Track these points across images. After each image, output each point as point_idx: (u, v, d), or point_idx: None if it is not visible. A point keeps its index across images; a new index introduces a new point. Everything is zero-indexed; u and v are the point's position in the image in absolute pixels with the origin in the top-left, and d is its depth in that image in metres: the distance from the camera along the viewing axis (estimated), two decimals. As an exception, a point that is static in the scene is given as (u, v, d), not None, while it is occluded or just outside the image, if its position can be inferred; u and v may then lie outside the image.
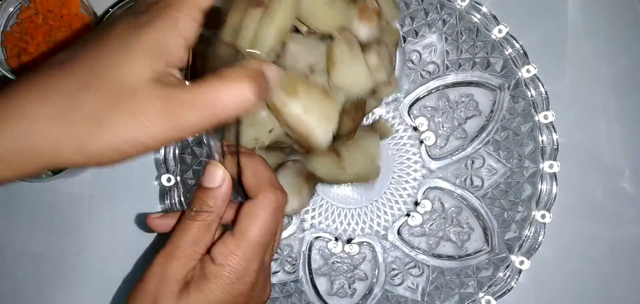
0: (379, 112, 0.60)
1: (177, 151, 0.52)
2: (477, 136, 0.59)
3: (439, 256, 0.58)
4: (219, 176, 0.38)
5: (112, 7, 0.65)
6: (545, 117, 0.52)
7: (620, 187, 0.66)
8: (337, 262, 0.61)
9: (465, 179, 0.60)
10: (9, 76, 0.64)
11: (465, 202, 0.59)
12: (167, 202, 0.52)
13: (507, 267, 0.52)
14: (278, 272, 0.59)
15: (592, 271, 0.65)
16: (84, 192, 0.66)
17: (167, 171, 0.52)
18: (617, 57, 0.69)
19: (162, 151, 0.52)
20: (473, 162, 0.60)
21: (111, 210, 0.64)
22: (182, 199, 0.52)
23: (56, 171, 0.64)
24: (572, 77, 0.68)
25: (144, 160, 0.66)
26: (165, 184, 0.52)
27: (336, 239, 0.59)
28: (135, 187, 0.63)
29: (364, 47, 0.44)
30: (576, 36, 0.70)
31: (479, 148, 0.59)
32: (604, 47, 0.69)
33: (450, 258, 0.58)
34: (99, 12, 0.66)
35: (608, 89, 0.69)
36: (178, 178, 0.52)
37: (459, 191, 0.59)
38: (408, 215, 0.59)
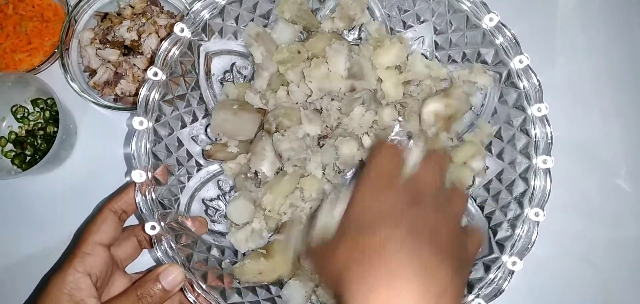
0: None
1: (149, 146, 0.49)
2: (467, 131, 0.56)
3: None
4: (176, 283, 0.46)
5: (85, -5, 0.62)
6: (539, 109, 0.49)
7: (616, 185, 0.64)
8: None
9: (455, 177, 0.57)
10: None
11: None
12: (139, 199, 0.48)
13: (499, 268, 0.49)
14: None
15: (588, 272, 0.62)
16: (55, 191, 0.63)
17: (139, 166, 0.49)
18: (612, 47, 0.67)
19: (133, 146, 0.49)
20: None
21: (82, 208, 0.61)
22: (153, 196, 0.48)
23: (25, 167, 0.61)
24: (564, 67, 0.66)
25: (114, 155, 0.63)
26: (137, 180, 0.48)
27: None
28: (106, 184, 0.60)
29: None
30: (568, 25, 0.67)
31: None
32: (598, 36, 0.67)
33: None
34: (72, 2, 0.63)
35: (602, 81, 0.66)
36: (149, 174, 0.49)
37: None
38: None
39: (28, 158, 0.63)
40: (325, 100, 0.55)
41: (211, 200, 0.57)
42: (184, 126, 0.54)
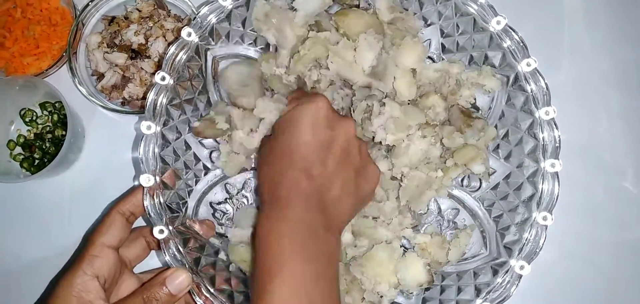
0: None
1: (157, 150, 0.49)
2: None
3: (435, 260, 0.56)
4: (183, 287, 0.47)
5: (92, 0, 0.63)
6: (547, 113, 0.49)
7: (622, 188, 0.64)
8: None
9: (462, 180, 0.57)
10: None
11: (462, 204, 0.56)
12: (147, 203, 0.49)
13: (507, 272, 0.49)
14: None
15: (594, 276, 0.62)
16: (64, 194, 0.63)
17: (147, 171, 0.49)
18: (618, 49, 0.66)
19: (141, 150, 0.49)
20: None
21: (91, 211, 0.61)
22: (161, 200, 0.49)
23: (34, 171, 0.62)
24: (570, 70, 0.66)
25: (122, 158, 0.63)
26: (145, 184, 0.49)
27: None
28: (114, 187, 0.60)
29: None
30: (574, 27, 0.67)
31: (477, 147, 0.56)
32: (604, 38, 0.67)
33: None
34: (80, 6, 0.64)
35: (609, 84, 0.66)
36: (158, 178, 0.49)
37: (456, 192, 0.56)
38: (402, 217, 0.56)
39: (36, 161, 0.63)
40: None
41: (219, 203, 0.57)
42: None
